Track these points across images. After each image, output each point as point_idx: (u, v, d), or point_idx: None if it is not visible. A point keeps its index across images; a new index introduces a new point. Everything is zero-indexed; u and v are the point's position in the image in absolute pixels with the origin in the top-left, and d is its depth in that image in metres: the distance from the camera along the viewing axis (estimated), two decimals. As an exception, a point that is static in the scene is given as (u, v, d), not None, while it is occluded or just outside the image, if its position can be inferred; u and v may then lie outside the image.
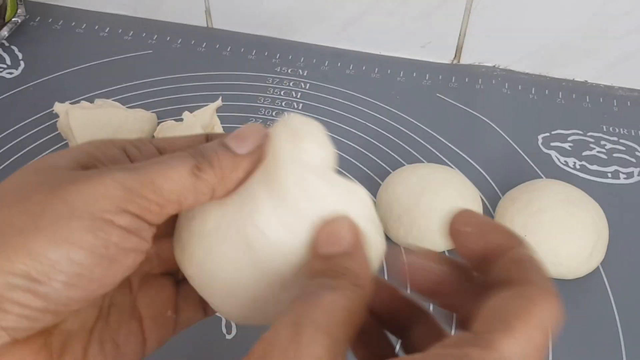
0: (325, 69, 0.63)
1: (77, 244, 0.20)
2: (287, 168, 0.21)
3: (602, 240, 0.45)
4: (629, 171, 0.53)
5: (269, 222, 0.21)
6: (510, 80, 0.61)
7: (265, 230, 0.21)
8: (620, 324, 0.43)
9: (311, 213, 0.21)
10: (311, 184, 0.21)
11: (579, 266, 0.45)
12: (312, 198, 0.21)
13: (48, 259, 0.19)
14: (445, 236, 0.22)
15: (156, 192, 0.21)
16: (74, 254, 0.19)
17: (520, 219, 0.45)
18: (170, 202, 0.21)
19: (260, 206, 0.21)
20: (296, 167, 0.21)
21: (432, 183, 0.46)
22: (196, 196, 0.21)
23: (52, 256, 0.19)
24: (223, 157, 0.22)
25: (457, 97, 0.60)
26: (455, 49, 0.63)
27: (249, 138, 0.22)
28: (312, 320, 0.18)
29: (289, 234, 0.21)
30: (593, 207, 0.46)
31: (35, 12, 0.68)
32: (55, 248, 0.19)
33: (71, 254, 0.19)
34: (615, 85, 0.61)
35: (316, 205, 0.21)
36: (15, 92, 0.59)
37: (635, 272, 0.46)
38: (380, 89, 0.60)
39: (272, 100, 0.59)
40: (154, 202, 0.21)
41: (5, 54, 0.63)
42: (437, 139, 0.56)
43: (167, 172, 0.21)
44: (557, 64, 0.61)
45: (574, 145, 0.55)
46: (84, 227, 0.20)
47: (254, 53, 0.64)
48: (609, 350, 0.42)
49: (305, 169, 0.21)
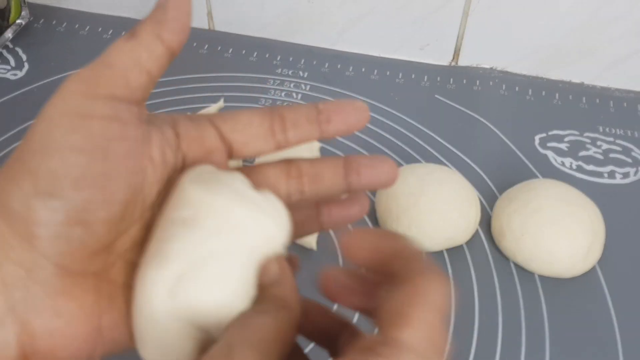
0: (326, 70, 0.63)
1: (65, 147, 0.21)
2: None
3: (598, 239, 0.46)
4: (625, 171, 0.54)
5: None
6: (507, 82, 0.62)
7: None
8: (617, 323, 0.43)
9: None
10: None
11: (575, 265, 0.45)
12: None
13: (48, 170, 0.20)
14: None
15: (111, 67, 0.22)
16: (66, 157, 0.20)
17: (518, 218, 0.46)
18: (128, 69, 0.22)
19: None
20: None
21: (431, 183, 0.47)
22: (142, 51, 0.22)
23: (50, 166, 0.20)
24: (147, 19, 0.23)
25: (455, 99, 0.60)
26: (453, 51, 0.63)
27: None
28: (243, 339, 0.20)
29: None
30: (590, 207, 0.47)
31: (39, 14, 0.68)
32: (49, 159, 0.20)
33: (64, 158, 0.20)
34: (612, 86, 0.62)
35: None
36: (20, 94, 0.60)
37: (631, 271, 0.47)
38: (379, 91, 0.61)
39: (273, 101, 0.60)
40: (114, 76, 0.22)
41: (10, 55, 0.64)
42: (436, 139, 0.56)
43: (110, 49, 0.22)
44: (553, 66, 0.62)
45: (570, 146, 0.56)
46: (65, 128, 0.21)
47: (255, 55, 0.65)
48: (605, 349, 0.42)
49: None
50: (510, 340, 0.42)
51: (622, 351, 0.42)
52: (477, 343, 0.42)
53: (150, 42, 0.22)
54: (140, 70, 0.22)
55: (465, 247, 0.48)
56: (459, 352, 0.42)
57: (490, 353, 0.42)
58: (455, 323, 0.43)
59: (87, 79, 0.22)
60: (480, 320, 0.44)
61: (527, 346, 0.42)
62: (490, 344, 0.42)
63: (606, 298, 0.45)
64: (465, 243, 0.48)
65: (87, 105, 0.21)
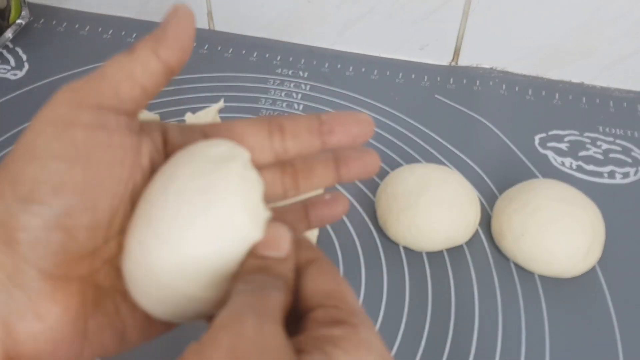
0: (326, 70, 0.63)
1: (47, 154, 0.21)
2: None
3: (598, 239, 0.46)
4: (625, 171, 0.54)
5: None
6: (507, 82, 0.62)
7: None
8: (617, 323, 0.43)
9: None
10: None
11: (575, 265, 0.45)
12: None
13: (29, 177, 0.21)
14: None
15: (102, 78, 0.22)
16: (47, 164, 0.21)
17: (517, 218, 0.46)
18: (119, 81, 0.22)
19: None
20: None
21: (431, 183, 0.47)
22: (136, 65, 0.23)
23: (30, 172, 0.21)
24: (147, 36, 0.23)
25: (455, 99, 0.60)
26: (453, 51, 0.63)
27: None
28: (254, 308, 0.19)
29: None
30: (589, 207, 0.47)
31: (39, 14, 0.68)
32: (29, 165, 0.21)
33: (45, 165, 0.21)
34: (612, 86, 0.62)
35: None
36: (20, 94, 0.60)
37: (631, 271, 0.47)
38: (379, 90, 0.61)
39: (274, 101, 0.60)
40: (103, 86, 0.22)
41: (10, 55, 0.64)
42: (436, 139, 0.56)
43: (107, 61, 0.23)
44: (553, 66, 0.62)
45: (570, 146, 0.56)
46: (49, 136, 0.21)
47: (255, 55, 0.65)
48: (605, 349, 0.42)
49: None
50: (510, 340, 0.42)
51: (622, 351, 0.42)
52: (477, 343, 0.42)
53: (145, 57, 0.23)
54: (132, 84, 0.23)
55: (465, 247, 0.48)
56: (459, 352, 0.42)
57: (490, 353, 0.42)
58: (456, 323, 0.43)
59: (77, 89, 0.22)
60: (480, 320, 0.44)
61: (527, 346, 0.42)
62: (490, 344, 0.42)
63: (606, 298, 0.45)
64: (465, 243, 0.48)
65: (72, 113, 0.22)
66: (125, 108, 0.23)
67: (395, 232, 0.47)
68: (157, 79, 0.23)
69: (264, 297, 0.20)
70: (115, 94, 0.22)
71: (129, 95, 0.23)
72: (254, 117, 0.27)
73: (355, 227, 0.49)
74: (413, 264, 0.47)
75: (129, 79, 0.22)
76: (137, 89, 0.23)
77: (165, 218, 0.22)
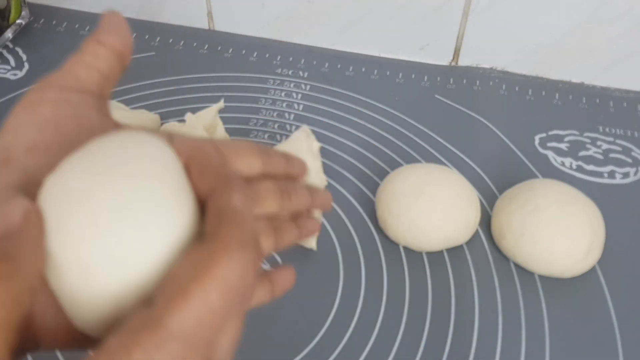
0: (326, 70, 0.63)
1: (19, 124, 0.24)
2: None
3: (598, 239, 0.46)
4: (625, 171, 0.54)
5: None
6: (507, 82, 0.62)
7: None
8: (617, 323, 0.43)
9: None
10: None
11: (575, 265, 0.45)
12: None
13: (4, 146, 0.23)
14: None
15: (62, 69, 0.25)
16: (18, 131, 0.23)
17: (517, 218, 0.46)
18: (76, 68, 0.25)
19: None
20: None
21: (431, 183, 0.47)
22: (87, 55, 0.26)
23: (5, 142, 0.23)
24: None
25: (455, 99, 0.60)
26: (453, 51, 0.63)
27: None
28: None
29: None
30: (589, 207, 0.47)
31: (39, 14, 0.69)
32: (4, 136, 0.23)
33: (17, 132, 0.23)
34: (611, 86, 0.62)
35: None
36: (20, 94, 0.60)
37: (631, 271, 0.47)
38: (379, 91, 0.61)
39: (273, 101, 0.60)
40: (63, 73, 0.25)
41: (10, 55, 0.64)
42: (436, 139, 0.56)
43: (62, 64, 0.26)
44: (553, 66, 0.62)
45: (570, 146, 0.56)
46: (20, 113, 0.24)
47: (255, 55, 0.65)
48: (605, 348, 0.42)
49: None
50: (510, 340, 0.43)
51: (622, 351, 0.42)
52: (477, 343, 0.42)
53: (92, 47, 0.26)
54: (88, 69, 0.25)
55: (465, 247, 0.48)
56: (459, 352, 0.42)
57: (490, 353, 0.42)
58: (456, 323, 0.43)
59: (41, 82, 0.25)
60: (480, 320, 0.44)
61: (527, 346, 0.42)
62: (490, 344, 0.42)
63: (606, 298, 0.45)
64: (465, 243, 0.48)
65: (39, 94, 0.24)
66: (87, 88, 0.25)
67: (395, 232, 0.47)
68: (110, 62, 0.26)
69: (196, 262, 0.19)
70: (75, 78, 0.25)
71: (89, 78, 0.25)
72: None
73: (355, 227, 0.49)
74: (413, 264, 0.47)
75: (85, 66, 0.25)
76: (94, 72, 0.25)
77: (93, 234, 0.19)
